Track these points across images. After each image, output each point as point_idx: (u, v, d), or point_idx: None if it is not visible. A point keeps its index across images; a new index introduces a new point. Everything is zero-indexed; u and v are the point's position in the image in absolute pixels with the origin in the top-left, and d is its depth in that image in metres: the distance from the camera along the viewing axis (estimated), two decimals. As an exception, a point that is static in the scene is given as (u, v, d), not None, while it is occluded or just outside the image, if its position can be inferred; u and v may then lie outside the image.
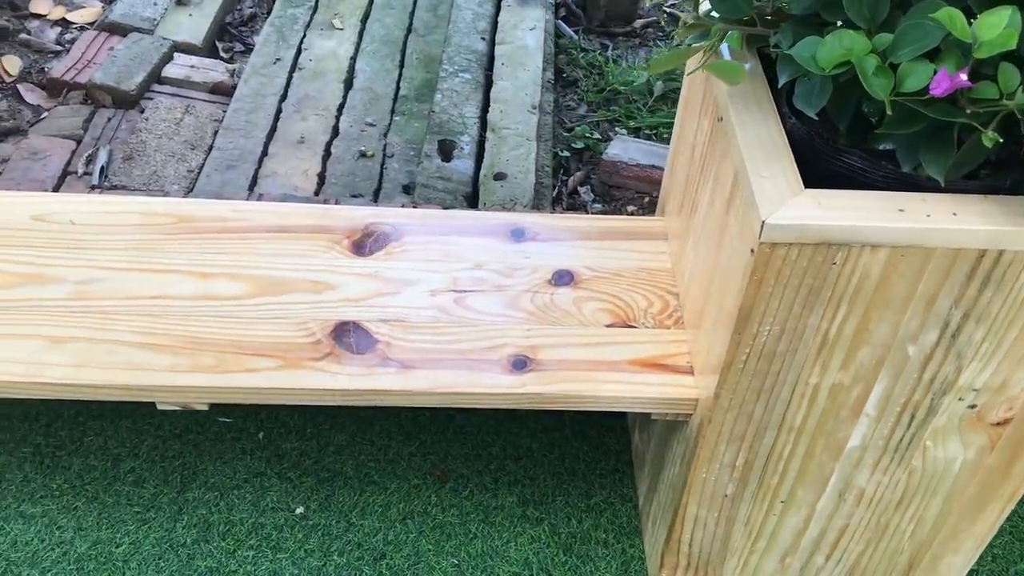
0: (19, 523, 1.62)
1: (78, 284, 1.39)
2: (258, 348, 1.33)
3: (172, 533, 1.62)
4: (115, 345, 1.31)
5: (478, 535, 1.66)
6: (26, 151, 2.69)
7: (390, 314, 1.39)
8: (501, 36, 2.83)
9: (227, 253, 1.46)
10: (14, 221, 1.48)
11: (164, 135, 2.76)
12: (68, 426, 1.77)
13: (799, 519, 1.41)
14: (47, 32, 3.21)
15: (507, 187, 2.32)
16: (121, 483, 1.69)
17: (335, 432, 1.80)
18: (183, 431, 1.78)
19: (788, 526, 1.42)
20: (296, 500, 1.69)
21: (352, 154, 2.72)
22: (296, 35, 3.18)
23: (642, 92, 3.11)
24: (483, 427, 1.82)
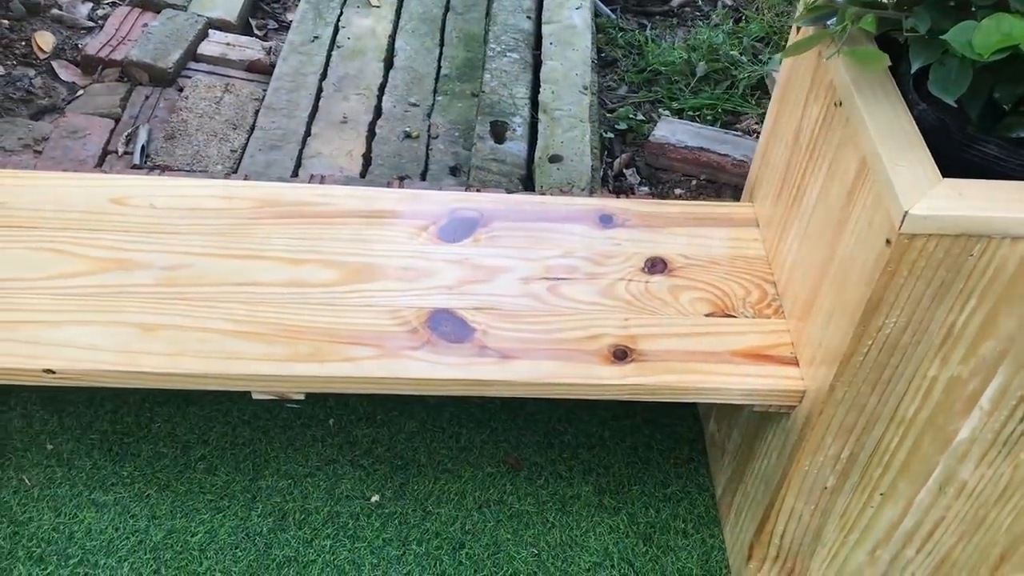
0: (92, 511, 1.59)
1: (165, 270, 1.36)
2: (354, 337, 1.30)
3: (247, 522, 1.60)
4: (208, 333, 1.28)
5: (556, 524, 1.64)
6: (65, 130, 2.65)
7: (484, 302, 1.36)
8: (548, 15, 2.78)
9: (314, 239, 1.43)
10: (94, 204, 1.44)
11: (205, 114, 2.72)
12: (134, 412, 1.74)
13: (896, 511, 1.39)
14: (79, 8, 3.15)
15: (563, 170, 2.28)
16: (192, 471, 1.66)
17: (405, 419, 1.77)
18: (252, 417, 1.75)
19: (884, 518, 1.40)
20: (370, 488, 1.66)
21: (397, 135, 2.68)
22: (333, 13, 3.13)
23: (683, 73, 3.07)
24: (553, 415, 1.80)
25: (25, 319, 1.28)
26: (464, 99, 2.83)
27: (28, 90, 2.80)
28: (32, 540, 1.54)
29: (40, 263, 1.35)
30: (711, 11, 3.47)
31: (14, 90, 2.79)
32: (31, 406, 1.73)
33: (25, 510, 1.58)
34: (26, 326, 1.27)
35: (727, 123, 2.89)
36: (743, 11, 3.35)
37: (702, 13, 3.49)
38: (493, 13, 2.80)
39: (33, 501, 1.59)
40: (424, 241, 1.44)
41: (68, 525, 1.57)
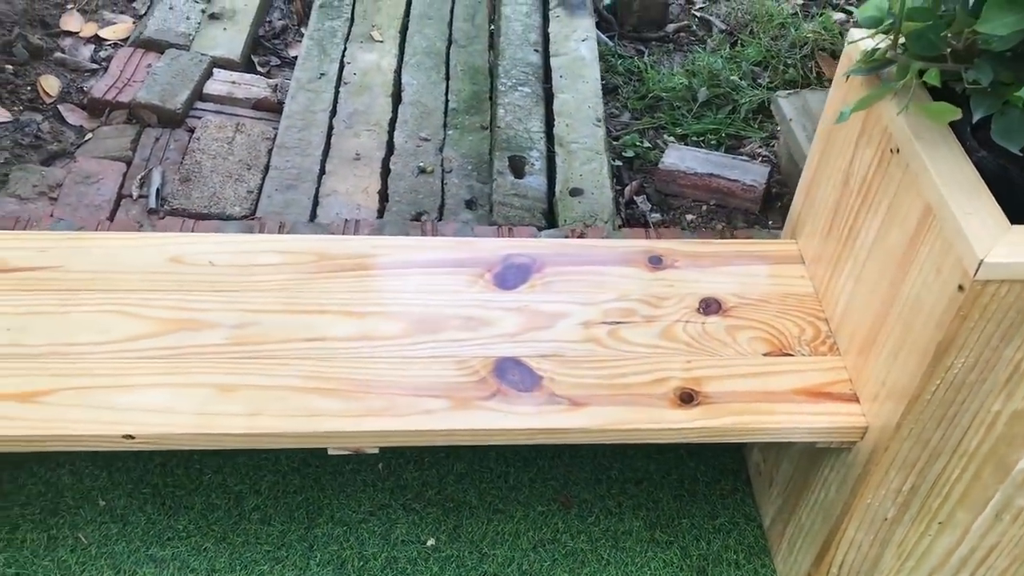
0: (150, 567, 1.59)
1: (233, 329, 1.37)
2: (425, 389, 1.32)
3: (306, 571, 1.61)
4: (284, 391, 1.30)
5: (611, 561, 1.66)
6: (78, 175, 2.65)
7: (547, 349, 1.39)
8: (555, 48, 2.82)
9: (373, 291, 1.45)
10: (152, 264, 1.45)
11: (218, 155, 2.73)
12: (183, 464, 1.75)
13: (952, 539, 1.43)
14: (81, 50, 3.15)
15: (585, 203, 2.32)
16: (247, 521, 1.67)
17: (453, 460, 1.79)
18: (301, 464, 1.76)
19: (940, 546, 1.44)
20: (425, 532, 1.68)
21: (411, 170, 2.71)
22: (337, 48, 3.15)
23: (685, 98, 3.12)
24: (598, 451, 1.82)
25: (97, 384, 1.28)
26: (474, 132, 2.87)
27: (37, 135, 2.79)
28: (93, 599, 1.54)
29: (106, 326, 1.36)
30: (706, 36, 3.54)
31: (23, 136, 2.78)
32: (80, 462, 1.72)
33: (84, 568, 1.58)
34: (99, 391, 1.28)
35: (731, 147, 2.94)
36: (737, 35, 3.42)
37: (697, 38, 3.55)
38: (500, 47, 2.84)
39: (91, 559, 1.59)
40: (481, 289, 1.47)
41: (128, 582, 1.57)
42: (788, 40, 3.30)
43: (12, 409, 1.24)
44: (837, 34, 3.35)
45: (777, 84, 3.12)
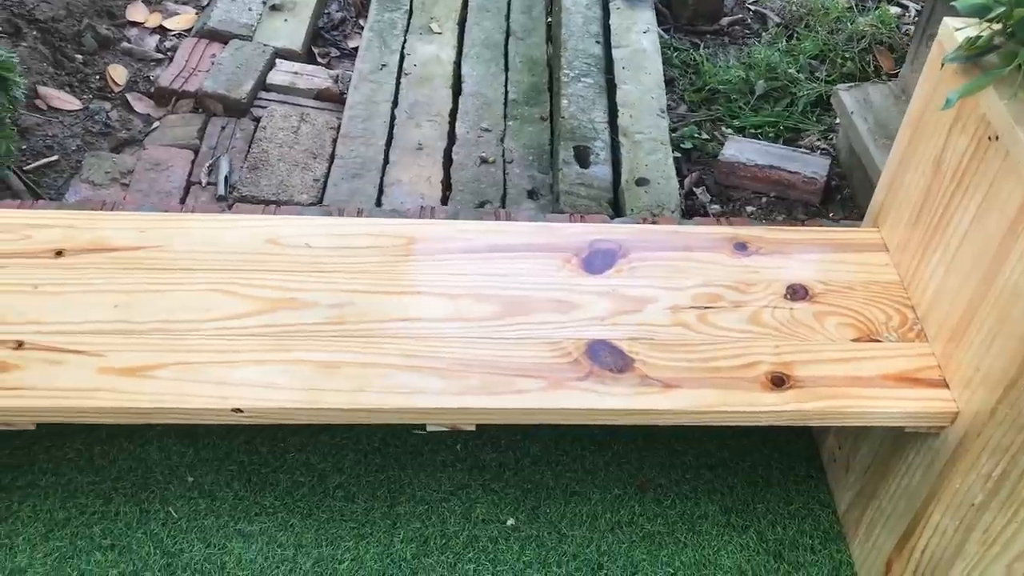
0: (239, 541, 1.64)
1: (331, 308, 1.41)
2: (520, 369, 1.35)
3: (391, 548, 1.64)
4: (385, 369, 1.33)
5: (688, 544, 1.68)
6: (148, 162, 2.70)
7: (637, 332, 1.41)
8: (616, 40, 2.84)
9: (463, 273, 1.48)
10: (250, 245, 1.49)
11: (284, 144, 2.77)
12: (268, 442, 1.79)
13: (1038, 525, 1.43)
14: (147, 40, 3.21)
15: (651, 193, 2.34)
16: (332, 499, 1.71)
17: (529, 443, 1.82)
18: (381, 444, 1.80)
19: (1025, 532, 1.44)
20: (504, 511, 1.71)
21: (473, 160, 2.74)
22: (397, 40, 3.19)
23: (742, 91, 3.13)
24: (672, 436, 1.85)
25: (204, 360, 1.32)
26: (534, 123, 2.89)
27: (106, 123, 2.85)
28: (187, 571, 1.59)
29: (209, 304, 1.40)
30: (760, 29, 3.53)
31: (93, 123, 2.84)
32: (167, 439, 1.77)
33: (176, 542, 1.62)
34: (207, 367, 1.32)
35: (788, 140, 2.94)
36: (793, 28, 3.41)
37: (751, 31, 3.55)
38: (562, 39, 2.86)
39: (182, 533, 1.64)
40: (569, 273, 1.49)
41: (219, 555, 1.61)
42: (845, 34, 3.29)
43: (124, 383, 1.29)
44: (894, 27, 3.34)
45: (835, 78, 3.12)
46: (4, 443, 1.73)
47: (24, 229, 1.47)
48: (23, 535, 1.61)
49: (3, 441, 1.73)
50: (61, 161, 2.69)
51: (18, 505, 1.65)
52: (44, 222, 1.48)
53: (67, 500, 1.66)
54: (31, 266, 1.42)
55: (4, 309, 1.35)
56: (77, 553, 1.60)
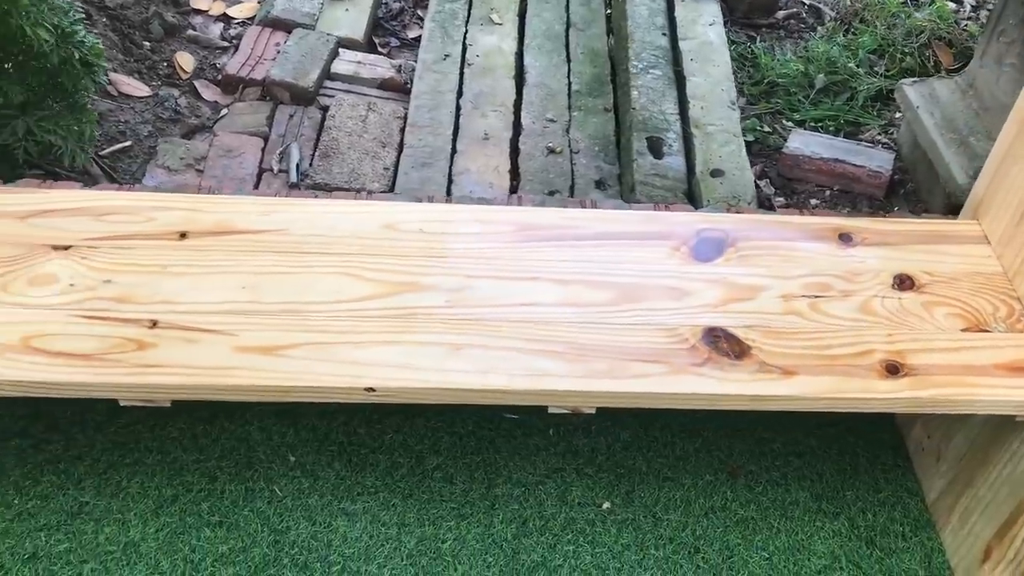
0: (343, 520, 1.67)
1: (451, 292, 1.44)
2: (640, 354, 1.38)
3: (490, 528, 1.68)
4: (509, 352, 1.36)
5: (781, 529, 1.71)
6: (220, 149, 2.74)
7: (750, 320, 1.44)
8: (683, 32, 2.86)
9: (576, 260, 1.51)
10: (368, 230, 1.53)
11: (353, 132, 2.80)
12: (366, 424, 1.83)
13: None
14: (211, 28, 3.25)
15: (726, 184, 2.36)
16: (431, 480, 1.74)
17: (619, 429, 1.85)
18: (475, 428, 1.83)
19: None
20: (600, 495, 1.74)
21: (540, 150, 2.76)
22: (458, 30, 3.21)
23: (801, 85, 3.14)
24: (759, 424, 1.87)
25: (335, 340, 1.36)
26: (598, 114, 2.92)
27: (176, 110, 2.89)
28: (294, 548, 1.62)
29: (335, 287, 1.43)
30: (816, 23, 3.55)
31: (163, 110, 2.88)
32: (267, 419, 1.81)
33: (282, 520, 1.66)
34: (338, 347, 1.35)
35: (849, 135, 2.96)
36: (848, 22, 3.43)
37: (807, 25, 3.57)
38: (628, 31, 2.88)
39: (288, 511, 1.67)
40: (679, 261, 1.52)
41: (324, 533, 1.65)
42: (903, 29, 3.30)
43: (259, 362, 1.32)
44: (952, 23, 3.35)
45: (894, 72, 3.13)
46: (109, 422, 1.78)
47: (147, 211, 1.50)
48: (134, 511, 1.65)
49: (108, 420, 1.78)
50: (134, 147, 2.73)
51: (127, 482, 1.69)
52: (166, 204, 1.52)
53: (174, 478, 1.70)
54: (157, 247, 1.45)
55: (135, 289, 1.39)
56: (187, 529, 1.64)
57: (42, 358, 1.29)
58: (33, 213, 1.49)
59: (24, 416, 1.77)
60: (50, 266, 1.41)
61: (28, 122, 2.21)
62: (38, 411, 1.77)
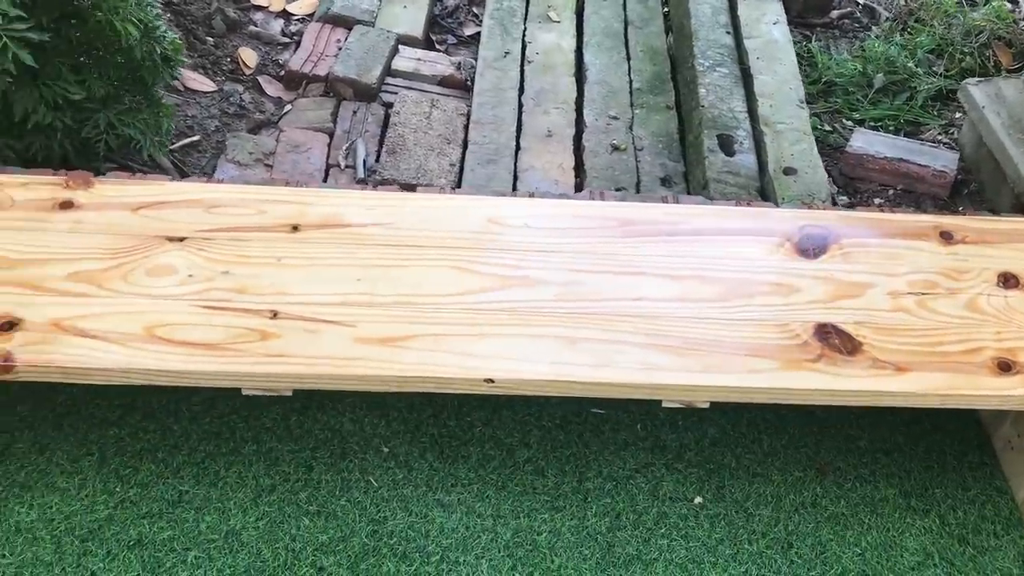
0: (439, 511, 1.69)
1: (561, 287, 1.45)
2: (752, 349, 1.39)
3: (584, 521, 1.69)
4: (623, 346, 1.38)
5: (872, 526, 1.72)
6: (287, 144, 2.76)
7: (860, 316, 1.45)
8: (747, 30, 2.87)
9: (683, 255, 1.52)
10: (473, 224, 1.54)
11: (419, 129, 2.82)
12: (455, 416, 1.84)
13: None
14: (272, 24, 3.27)
15: (800, 182, 2.37)
16: (522, 472, 1.76)
17: (706, 425, 1.86)
18: (562, 422, 1.85)
19: None
20: (690, 490, 1.75)
21: (604, 147, 2.77)
22: (517, 28, 3.23)
23: (859, 84, 3.14)
24: (845, 421, 1.88)
25: (452, 332, 1.38)
26: (660, 112, 2.93)
27: (241, 105, 2.91)
28: (393, 538, 1.64)
29: (446, 280, 1.45)
30: (870, 23, 3.55)
31: (228, 105, 2.91)
32: (358, 410, 1.83)
33: (379, 510, 1.68)
34: (455, 339, 1.37)
35: (908, 134, 2.96)
36: (903, 22, 3.42)
37: (861, 25, 3.57)
38: (692, 29, 2.89)
39: (384, 501, 1.69)
40: (784, 257, 1.53)
41: (421, 524, 1.67)
42: (961, 28, 3.29)
43: (379, 352, 1.34)
44: (1012, 23, 3.34)
45: (954, 72, 3.13)
46: (204, 412, 1.80)
47: (257, 204, 1.52)
48: (233, 499, 1.67)
49: (204, 410, 1.80)
50: (202, 141, 2.75)
51: (225, 471, 1.72)
52: (276, 197, 1.54)
53: (270, 468, 1.73)
54: (271, 240, 1.47)
55: (254, 280, 1.41)
56: (286, 518, 1.66)
57: (167, 347, 1.32)
58: (144, 205, 1.51)
59: (120, 406, 1.79)
60: (167, 257, 1.43)
61: (109, 116, 2.24)
62: (134, 401, 1.80)
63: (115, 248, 1.41)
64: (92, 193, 1.47)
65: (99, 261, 1.39)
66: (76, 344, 1.29)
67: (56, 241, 1.40)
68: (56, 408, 1.78)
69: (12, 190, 1.46)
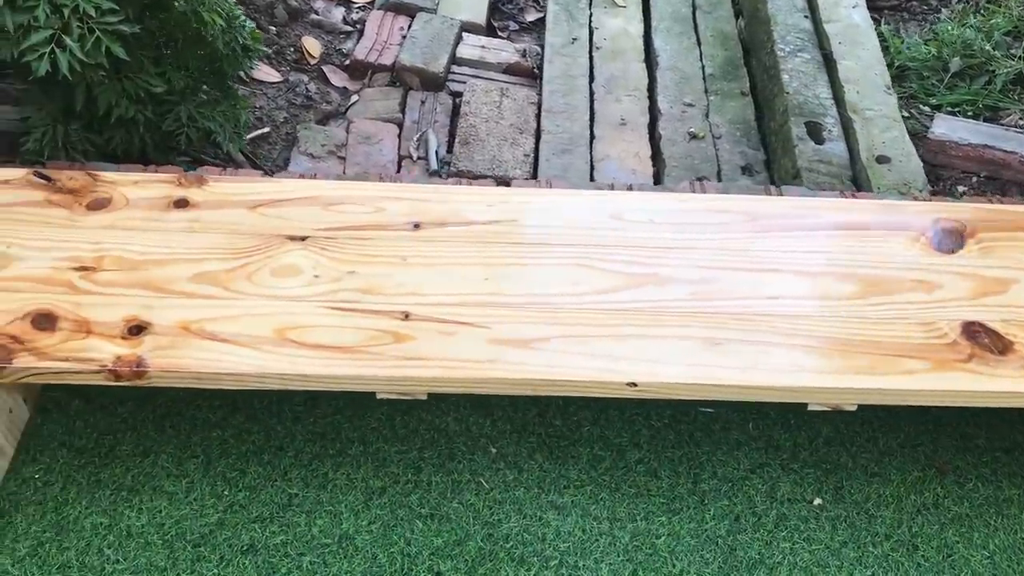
0: (553, 513, 1.65)
1: (694, 284, 1.40)
2: (898, 349, 1.34)
3: (703, 524, 1.65)
4: (767, 347, 1.33)
5: (999, 527, 1.67)
6: (358, 135, 2.71)
7: (1007, 314, 1.40)
8: (825, 15, 2.79)
9: (814, 251, 1.47)
10: (595, 220, 1.49)
11: (490, 119, 2.77)
12: (561, 415, 1.80)
13: None
14: (333, 12, 3.22)
15: (894, 171, 2.30)
16: (635, 474, 1.71)
17: (819, 423, 1.81)
18: (671, 421, 1.80)
19: None
20: (808, 491, 1.71)
21: (682, 136, 2.71)
22: (583, 13, 3.17)
23: (934, 68, 3.06)
24: (961, 419, 1.82)
25: (587, 333, 1.33)
26: (735, 98, 2.86)
27: (307, 95, 2.87)
28: (509, 542, 1.60)
29: (576, 278, 1.40)
30: (940, 5, 3.46)
31: (294, 96, 2.86)
32: (463, 410, 1.79)
33: (492, 512, 1.64)
34: (590, 340, 1.32)
35: (988, 119, 2.88)
36: (976, 3, 3.34)
37: (930, 7, 3.48)
38: (770, 13, 2.82)
39: (497, 503, 1.65)
40: (920, 252, 1.47)
41: (536, 527, 1.62)
42: (1040, 9, 3.20)
43: (515, 355, 1.30)
44: (1090, 4, 3.24)
45: (1034, 55, 3.04)
46: (307, 413, 1.76)
47: (376, 201, 1.48)
48: (344, 502, 1.64)
49: (307, 411, 1.76)
50: (272, 133, 2.71)
51: (333, 473, 1.68)
52: (393, 194, 1.49)
53: (379, 469, 1.69)
54: (394, 238, 1.43)
55: (381, 280, 1.37)
56: (399, 522, 1.62)
57: (300, 350, 1.28)
58: (262, 203, 1.47)
59: (222, 407, 1.76)
60: (291, 257, 1.39)
61: (190, 108, 2.20)
62: (235, 401, 1.76)
63: (236, 248, 1.37)
64: (206, 191, 1.43)
65: (222, 261, 1.35)
66: (206, 348, 1.25)
67: (176, 241, 1.36)
68: (157, 410, 1.75)
69: (125, 188, 1.42)
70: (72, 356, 1.23)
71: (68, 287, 1.30)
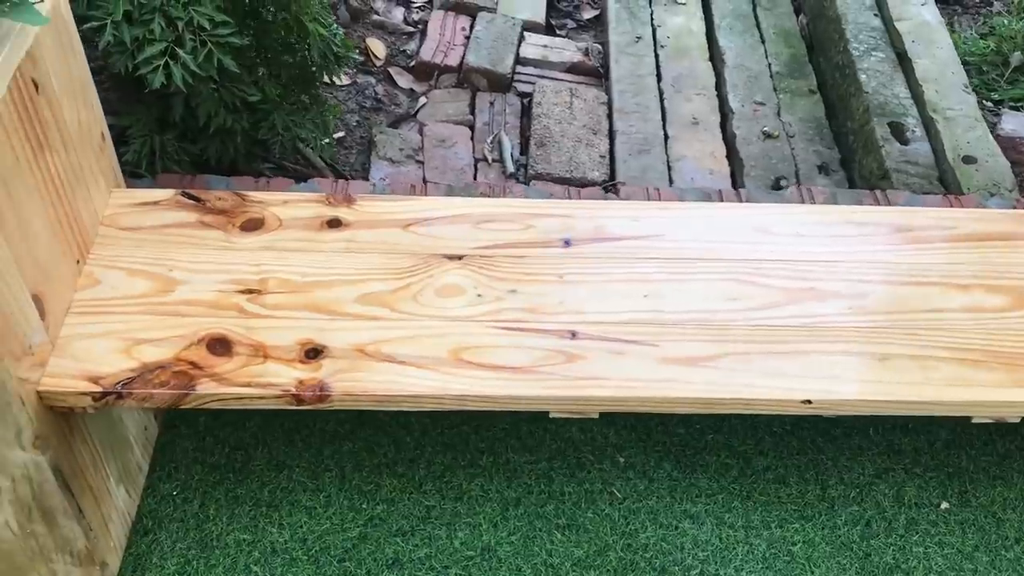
0: (688, 522, 1.67)
1: (852, 299, 1.42)
2: (1060, 361, 1.35)
3: (836, 530, 1.67)
4: (933, 361, 1.34)
5: (1124, 528, 1.69)
6: (433, 139, 2.71)
7: None
8: (895, 12, 2.80)
9: (965, 263, 1.49)
10: (743, 234, 1.50)
11: (563, 120, 2.77)
12: (683, 423, 1.81)
13: None
14: (394, 12, 3.21)
15: (982, 171, 2.32)
16: (763, 481, 1.73)
17: (937, 427, 1.83)
18: (793, 427, 1.82)
19: None
20: (934, 495, 1.73)
21: (756, 135, 2.72)
22: (644, 11, 3.17)
23: (994, 63, 3.07)
24: None
25: (754, 351, 1.34)
26: (804, 96, 2.87)
27: (376, 98, 2.86)
28: (648, 551, 1.62)
29: (734, 294, 1.41)
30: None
31: (364, 99, 2.86)
32: (586, 420, 1.80)
33: (628, 522, 1.66)
34: (759, 357, 1.33)
35: (1051, 114, 2.89)
36: (1032, -3, 3.34)
37: (983, 1, 3.49)
38: (839, 12, 2.83)
39: (632, 513, 1.67)
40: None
41: (674, 536, 1.64)
42: (1101, 1, 3.21)
43: (685, 373, 1.31)
44: None
45: (1096, 49, 3.05)
46: (433, 424, 1.77)
47: (523, 219, 1.49)
48: (482, 514, 1.65)
49: (432, 423, 1.77)
50: (347, 137, 2.71)
51: (467, 484, 1.69)
52: (541, 211, 1.50)
53: (511, 480, 1.70)
54: (547, 256, 1.44)
55: (542, 299, 1.38)
56: (537, 533, 1.63)
57: (476, 371, 1.28)
58: (413, 222, 1.47)
59: (348, 419, 1.77)
60: (451, 276, 1.39)
61: (284, 117, 2.19)
62: (360, 414, 1.77)
63: (396, 268, 1.37)
64: (356, 210, 1.44)
65: (384, 282, 1.35)
66: (384, 370, 1.25)
67: (335, 262, 1.37)
68: (284, 423, 1.76)
69: (275, 208, 1.42)
70: (253, 381, 1.24)
71: (238, 311, 1.30)
